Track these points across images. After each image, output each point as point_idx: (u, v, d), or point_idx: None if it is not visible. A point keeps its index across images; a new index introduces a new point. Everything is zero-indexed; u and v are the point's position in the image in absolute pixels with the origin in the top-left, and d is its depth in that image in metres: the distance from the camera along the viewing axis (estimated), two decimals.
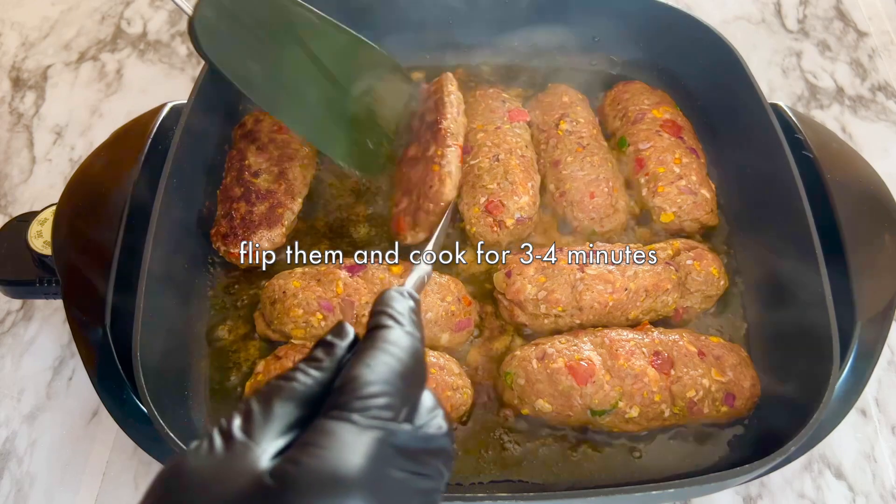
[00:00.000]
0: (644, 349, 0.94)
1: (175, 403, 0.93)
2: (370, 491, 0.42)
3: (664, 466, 0.93)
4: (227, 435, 0.44)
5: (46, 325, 1.13)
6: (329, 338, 0.52)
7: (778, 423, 0.90)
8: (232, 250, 1.06)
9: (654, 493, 0.80)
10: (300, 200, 1.12)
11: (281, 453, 0.44)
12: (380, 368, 0.47)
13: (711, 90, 1.22)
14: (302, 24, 1.04)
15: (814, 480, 1.00)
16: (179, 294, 1.03)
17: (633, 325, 1.01)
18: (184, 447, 0.80)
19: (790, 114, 1.10)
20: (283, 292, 0.99)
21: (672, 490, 0.80)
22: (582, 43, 1.32)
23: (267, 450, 0.43)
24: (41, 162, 1.33)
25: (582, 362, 0.91)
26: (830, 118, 1.39)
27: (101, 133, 1.33)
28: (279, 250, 1.08)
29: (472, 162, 1.12)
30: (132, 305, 0.89)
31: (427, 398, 0.51)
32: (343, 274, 1.00)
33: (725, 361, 0.95)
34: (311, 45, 1.05)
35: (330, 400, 0.46)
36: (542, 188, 1.14)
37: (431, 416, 0.49)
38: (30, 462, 1.01)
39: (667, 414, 0.92)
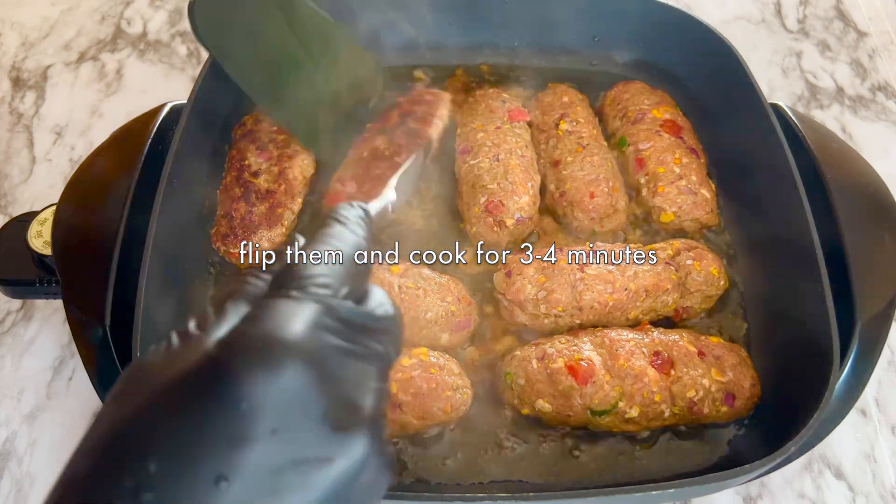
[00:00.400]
0: (644, 349, 0.94)
1: None
2: (309, 354, 0.44)
3: (664, 466, 0.93)
4: (182, 332, 0.46)
5: (46, 325, 1.13)
6: (281, 248, 0.56)
7: (778, 423, 0.90)
8: (232, 250, 1.06)
9: (654, 493, 0.80)
10: (300, 200, 1.12)
11: None
12: (323, 258, 0.51)
13: (711, 90, 1.22)
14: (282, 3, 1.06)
15: (814, 480, 1.00)
16: (179, 294, 1.03)
17: (633, 325, 1.01)
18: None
19: (790, 114, 1.10)
20: None
21: (672, 490, 0.80)
22: (582, 43, 1.31)
23: (219, 333, 0.46)
24: (41, 162, 1.33)
25: (582, 362, 0.91)
26: (830, 118, 1.39)
27: (101, 133, 1.33)
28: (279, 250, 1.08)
29: (471, 162, 1.12)
30: (132, 305, 0.89)
31: (377, 292, 0.53)
32: None
33: (725, 361, 0.95)
34: (292, 25, 1.06)
35: (270, 287, 0.50)
36: (542, 188, 1.14)
37: (379, 304, 0.52)
38: (30, 462, 1.01)
39: (667, 414, 0.92)
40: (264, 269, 0.53)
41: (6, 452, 1.01)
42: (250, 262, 1.06)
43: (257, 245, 1.06)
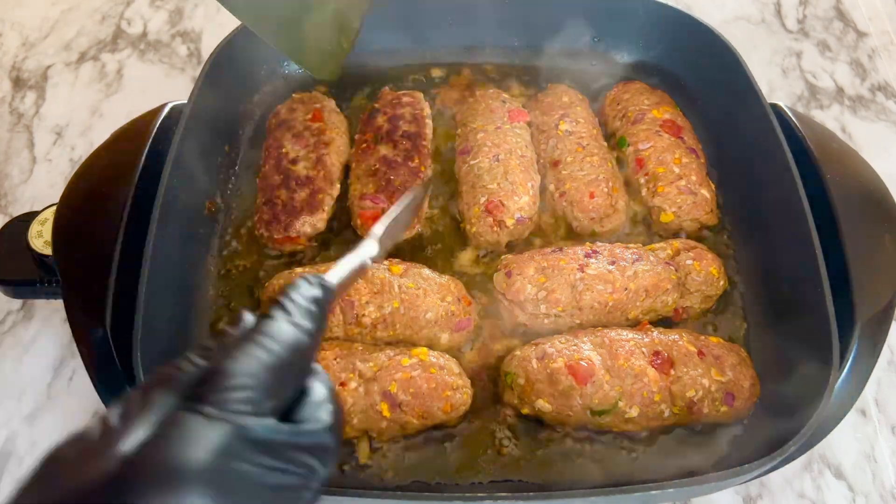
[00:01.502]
0: (644, 349, 0.94)
1: None
2: (212, 485, 0.41)
3: (664, 466, 0.93)
4: (105, 423, 0.44)
5: (47, 325, 1.13)
6: (225, 326, 0.52)
7: (778, 423, 0.90)
8: (276, 236, 1.08)
9: (654, 492, 0.80)
10: (338, 186, 1.14)
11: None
12: (245, 360, 0.47)
13: (711, 90, 1.22)
14: None
15: (814, 480, 1.00)
16: (180, 294, 1.03)
17: (633, 324, 1.01)
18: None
19: (790, 114, 1.10)
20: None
21: (672, 490, 0.80)
22: (582, 43, 1.32)
23: (134, 439, 0.43)
24: (41, 162, 1.33)
25: (582, 362, 0.91)
26: (830, 118, 1.40)
27: (102, 133, 1.33)
28: (320, 235, 1.10)
29: (471, 162, 1.12)
30: (132, 305, 0.89)
31: (318, 391, 0.50)
32: None
33: (725, 361, 0.95)
34: None
35: (195, 388, 0.46)
36: (542, 188, 1.14)
37: (316, 410, 0.49)
38: (30, 462, 1.00)
39: (666, 414, 0.92)
40: (206, 344, 0.50)
41: (7, 452, 1.01)
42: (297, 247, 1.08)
43: (298, 231, 1.08)
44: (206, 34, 1.52)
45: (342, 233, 1.13)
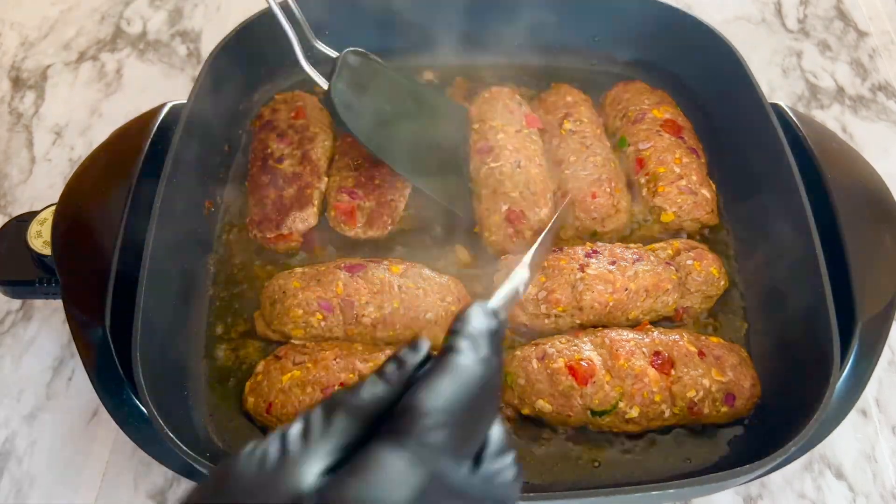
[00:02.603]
0: (644, 349, 0.93)
1: (175, 403, 0.93)
2: None
3: (664, 466, 0.93)
4: (282, 443, 0.42)
5: (46, 325, 1.13)
6: (402, 353, 0.49)
7: (778, 423, 0.90)
8: (269, 235, 1.07)
9: (654, 493, 0.80)
10: (326, 179, 1.14)
11: (331, 471, 0.42)
12: (443, 397, 0.44)
13: (711, 90, 1.22)
14: (407, 89, 1.16)
15: (814, 480, 0.99)
16: (179, 294, 1.03)
17: (634, 325, 1.00)
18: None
19: (790, 114, 1.10)
20: (283, 292, 0.99)
21: (672, 490, 0.80)
22: (582, 43, 1.31)
23: (316, 466, 0.41)
24: (41, 162, 1.33)
25: (582, 362, 0.91)
26: (831, 118, 1.39)
27: (101, 133, 1.33)
28: (312, 231, 1.10)
29: (492, 164, 1.11)
30: (132, 305, 0.89)
31: (496, 435, 0.47)
32: (343, 274, 1.00)
33: (726, 361, 0.95)
34: (412, 105, 1.15)
35: (387, 424, 0.44)
36: None
37: (498, 458, 0.46)
38: (29, 462, 1.00)
39: (667, 414, 0.92)
40: (386, 370, 0.47)
41: (6, 452, 1.01)
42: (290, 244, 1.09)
43: (290, 228, 1.08)
44: (205, 34, 1.52)
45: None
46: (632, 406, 0.91)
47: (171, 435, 0.81)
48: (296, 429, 0.43)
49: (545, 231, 0.88)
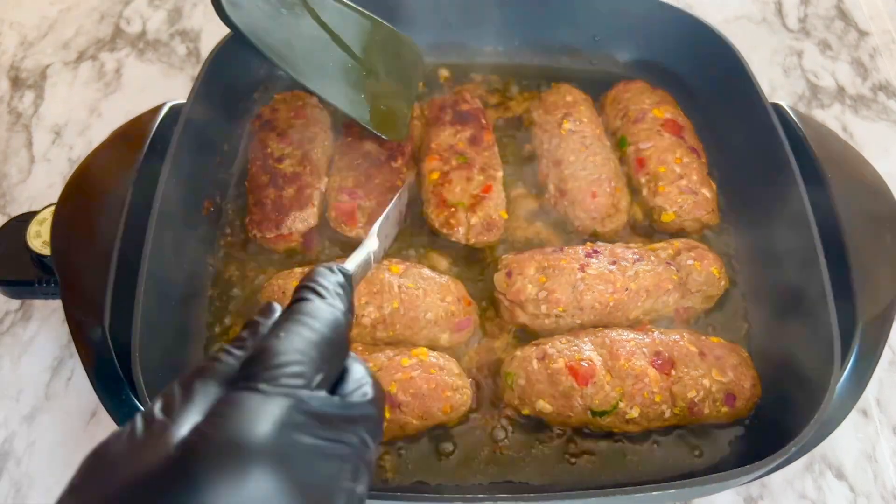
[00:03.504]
0: (644, 349, 0.93)
1: None
2: (276, 457, 0.41)
3: (664, 466, 0.93)
4: (145, 417, 0.44)
5: (45, 325, 1.13)
6: (255, 317, 0.53)
7: (779, 423, 0.90)
8: (268, 235, 1.07)
9: (654, 493, 0.79)
10: (325, 179, 1.13)
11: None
12: (291, 338, 0.47)
13: (712, 90, 1.22)
14: (315, 1, 1.06)
15: (815, 481, 0.99)
16: (179, 294, 1.02)
17: (634, 325, 1.00)
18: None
19: (791, 113, 1.10)
20: (283, 293, 0.98)
21: (672, 490, 0.80)
22: (582, 42, 1.31)
23: (183, 429, 0.43)
24: (40, 162, 1.33)
25: (582, 363, 0.91)
26: (831, 118, 1.39)
27: (100, 133, 1.32)
28: (312, 231, 1.10)
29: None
30: (131, 305, 0.89)
31: (357, 369, 0.51)
32: None
33: (726, 362, 0.95)
34: (324, 17, 1.06)
35: (240, 373, 0.46)
36: (543, 188, 1.14)
37: (357, 386, 0.49)
38: (28, 462, 1.00)
39: (667, 414, 0.92)
40: (242, 335, 0.50)
41: (5, 453, 1.01)
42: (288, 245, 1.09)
43: (291, 228, 1.07)
44: (204, 33, 1.52)
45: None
46: (632, 406, 0.90)
47: None
48: (158, 403, 0.45)
49: (390, 205, 0.90)
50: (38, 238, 1.01)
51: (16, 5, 1.58)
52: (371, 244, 0.74)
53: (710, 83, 1.22)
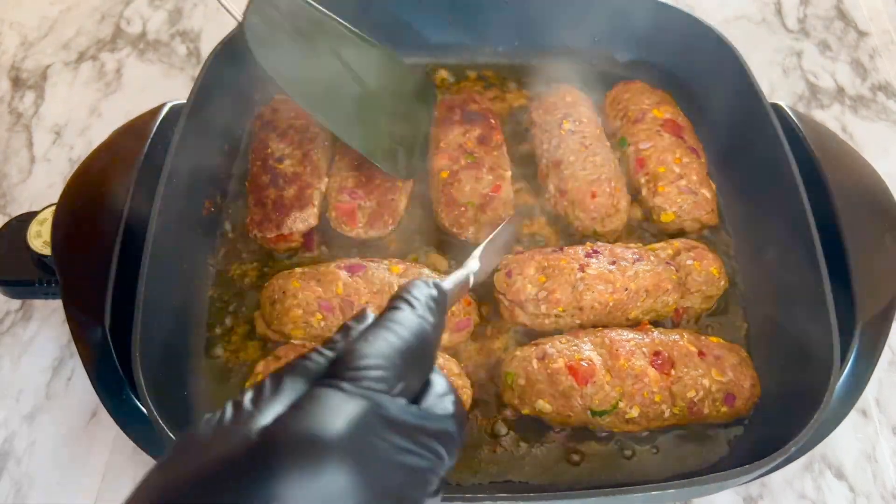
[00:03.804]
0: (644, 349, 0.93)
1: (175, 404, 0.93)
2: (350, 456, 0.42)
3: (664, 466, 0.93)
4: (235, 406, 0.46)
5: (45, 325, 1.13)
6: (349, 322, 0.54)
7: (778, 423, 0.90)
8: (269, 235, 1.07)
9: (654, 493, 0.80)
10: (326, 180, 1.14)
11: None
12: (378, 343, 0.48)
13: (711, 90, 1.22)
14: (335, 35, 1.09)
15: (814, 481, 0.99)
16: (179, 294, 1.03)
17: (634, 325, 1.00)
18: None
19: (791, 113, 1.10)
20: (283, 292, 0.98)
21: (672, 490, 0.80)
22: (582, 43, 1.31)
23: (267, 418, 0.44)
24: (40, 162, 1.33)
25: (582, 362, 0.91)
26: (831, 118, 1.39)
27: (101, 133, 1.32)
28: (313, 231, 1.10)
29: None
30: (132, 306, 0.89)
31: (440, 383, 0.51)
32: (343, 274, 1.00)
33: (726, 361, 0.95)
34: (343, 54, 1.09)
35: (328, 369, 0.48)
36: (542, 189, 1.14)
37: (439, 400, 0.50)
38: (29, 462, 1.00)
39: (667, 414, 0.92)
40: (334, 337, 0.52)
41: (5, 452, 1.01)
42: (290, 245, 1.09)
43: (291, 228, 1.07)
44: (205, 34, 1.52)
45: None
46: (632, 406, 0.91)
47: (171, 435, 0.81)
48: (248, 394, 0.47)
49: (497, 229, 0.91)
50: (39, 238, 1.01)
51: (16, 5, 1.58)
52: (472, 265, 0.74)
53: (709, 84, 1.22)
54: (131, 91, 1.43)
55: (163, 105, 1.12)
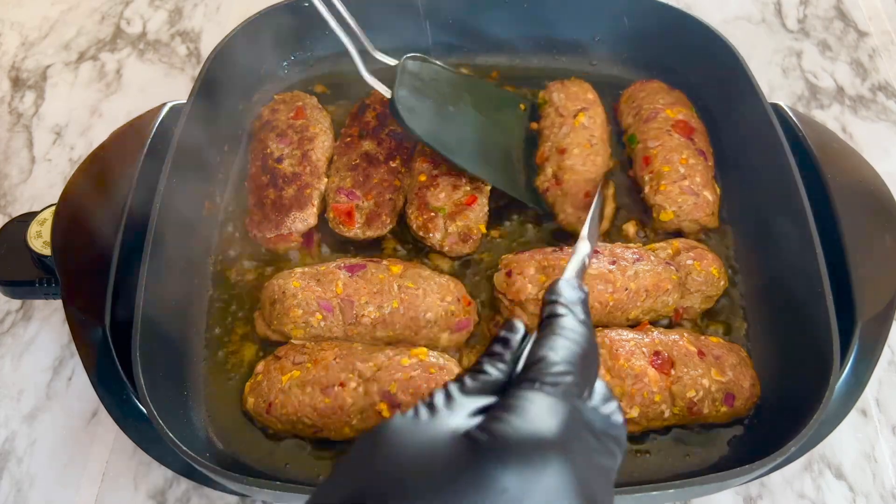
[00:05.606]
0: (644, 349, 0.93)
1: (174, 403, 0.93)
2: (565, 454, 0.44)
3: (664, 466, 0.93)
4: (430, 405, 0.48)
5: (46, 325, 1.13)
6: (503, 333, 0.56)
7: (778, 423, 0.90)
8: (268, 235, 1.07)
9: (654, 493, 0.80)
10: (325, 179, 1.14)
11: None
12: (562, 352, 0.51)
13: (711, 90, 1.22)
14: (465, 87, 1.19)
15: (814, 481, 0.99)
16: (179, 294, 1.03)
17: (633, 324, 1.00)
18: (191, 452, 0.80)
19: (790, 114, 1.10)
20: (283, 292, 0.98)
21: (672, 490, 0.80)
22: (582, 43, 1.31)
23: (464, 415, 0.46)
24: (40, 162, 1.33)
25: None
26: (831, 118, 1.39)
27: (101, 133, 1.33)
28: (312, 231, 1.10)
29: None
30: (132, 306, 0.89)
31: (600, 386, 0.54)
32: (342, 274, 1.00)
33: (725, 361, 0.95)
34: (473, 102, 1.18)
35: (521, 375, 0.50)
36: (541, 170, 1.16)
37: (606, 404, 0.53)
38: (29, 462, 1.00)
39: (667, 414, 0.92)
40: (496, 350, 0.54)
41: (6, 452, 1.01)
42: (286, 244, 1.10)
43: (290, 228, 1.08)
44: (205, 34, 1.52)
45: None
46: (632, 406, 0.91)
47: (171, 435, 0.81)
48: (440, 394, 0.49)
49: (593, 206, 0.94)
50: (39, 238, 1.01)
51: (16, 5, 1.58)
52: (584, 248, 0.77)
53: (709, 83, 1.22)
54: (131, 91, 1.43)
55: (163, 105, 1.12)
